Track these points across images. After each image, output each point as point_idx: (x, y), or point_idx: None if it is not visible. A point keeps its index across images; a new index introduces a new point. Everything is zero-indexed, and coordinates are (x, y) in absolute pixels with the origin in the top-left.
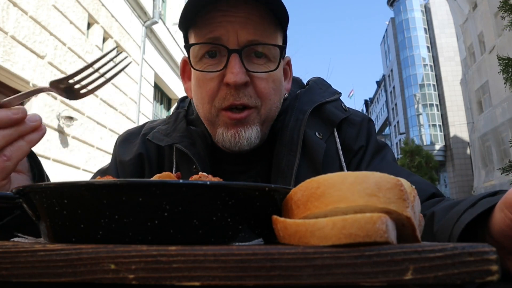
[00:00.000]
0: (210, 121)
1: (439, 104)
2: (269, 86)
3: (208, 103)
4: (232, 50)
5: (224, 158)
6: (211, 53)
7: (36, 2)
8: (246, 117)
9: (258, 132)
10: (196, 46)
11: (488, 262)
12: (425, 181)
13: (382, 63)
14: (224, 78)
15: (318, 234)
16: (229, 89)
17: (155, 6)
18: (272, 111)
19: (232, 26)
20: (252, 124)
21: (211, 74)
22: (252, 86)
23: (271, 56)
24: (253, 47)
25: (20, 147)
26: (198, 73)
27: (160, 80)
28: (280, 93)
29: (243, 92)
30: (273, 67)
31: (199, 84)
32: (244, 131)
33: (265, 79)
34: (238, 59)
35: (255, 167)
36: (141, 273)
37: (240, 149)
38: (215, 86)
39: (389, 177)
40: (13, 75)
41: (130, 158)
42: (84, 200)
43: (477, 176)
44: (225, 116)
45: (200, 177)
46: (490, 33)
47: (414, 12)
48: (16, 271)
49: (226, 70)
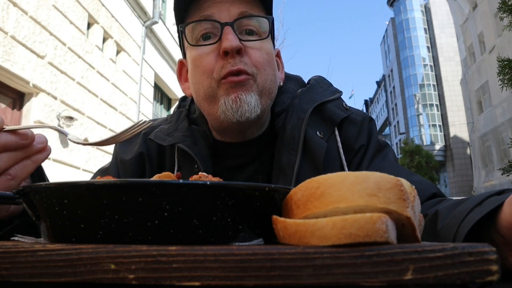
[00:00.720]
0: (211, 96)
1: (439, 104)
2: (262, 56)
3: (207, 78)
4: (224, 23)
5: (225, 153)
6: (205, 36)
7: (36, 2)
8: (244, 80)
9: (257, 101)
10: (191, 27)
11: (488, 262)
12: (426, 181)
13: (382, 63)
14: (221, 48)
15: (318, 234)
16: (226, 58)
17: (155, 6)
18: (267, 82)
19: (222, 4)
20: (251, 90)
21: (207, 49)
22: (246, 56)
23: (261, 29)
24: (243, 21)
25: (25, 166)
26: (194, 54)
27: (160, 80)
28: (273, 69)
29: (239, 59)
30: (264, 36)
31: (196, 64)
32: (244, 95)
33: (258, 49)
34: (231, 29)
35: (256, 163)
36: (141, 273)
37: (242, 116)
38: (212, 59)
39: (389, 177)
40: (13, 75)
41: (131, 157)
42: (84, 200)
43: (477, 176)
44: (225, 83)
45: (200, 177)
46: (490, 33)
47: (414, 12)
48: (16, 271)
49: (221, 41)
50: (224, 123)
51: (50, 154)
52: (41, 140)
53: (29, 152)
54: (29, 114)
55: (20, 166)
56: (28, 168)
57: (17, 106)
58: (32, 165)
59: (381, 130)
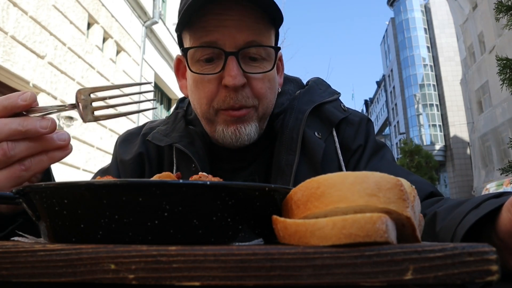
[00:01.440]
0: (208, 119)
1: (439, 104)
2: (265, 86)
3: (206, 104)
4: (229, 53)
5: (223, 156)
6: (208, 59)
7: (36, 2)
8: (245, 115)
9: (256, 128)
10: (193, 49)
11: (488, 262)
12: (423, 180)
13: (382, 63)
14: (223, 81)
15: (318, 234)
16: (227, 91)
17: (155, 6)
18: (268, 108)
19: (228, 30)
20: (251, 121)
21: (209, 77)
22: (249, 87)
23: (267, 57)
24: (249, 49)
25: (41, 161)
26: (196, 76)
27: (160, 80)
28: (275, 90)
29: (241, 94)
30: (269, 67)
31: (196, 86)
32: (244, 127)
33: (261, 79)
34: (235, 61)
35: (253, 165)
36: (141, 273)
37: (241, 145)
38: (214, 88)
39: (389, 177)
40: (13, 75)
41: (131, 158)
42: (84, 200)
43: (477, 176)
44: (225, 114)
45: (200, 177)
46: (490, 33)
47: (414, 12)
48: (16, 271)
49: (224, 72)
50: (220, 142)
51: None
52: (63, 138)
53: (48, 146)
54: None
55: (36, 160)
56: (43, 164)
57: None
58: (47, 161)
59: (381, 130)
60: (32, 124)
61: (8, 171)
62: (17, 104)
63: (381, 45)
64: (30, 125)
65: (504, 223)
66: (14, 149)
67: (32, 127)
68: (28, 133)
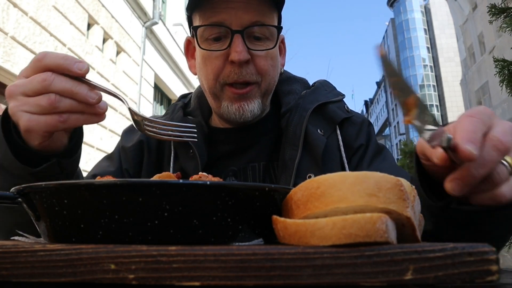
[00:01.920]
0: (215, 94)
1: (439, 105)
2: (267, 63)
3: (213, 79)
4: (235, 31)
5: (220, 139)
6: (216, 38)
7: (36, 3)
8: (248, 92)
9: (259, 104)
10: (201, 28)
11: (488, 262)
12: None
13: None
14: (229, 57)
15: (318, 234)
16: (233, 66)
17: (155, 6)
18: (271, 84)
19: (234, 11)
20: (254, 98)
21: (216, 53)
22: (252, 63)
23: (269, 36)
24: (253, 28)
25: (77, 119)
26: (204, 51)
27: (160, 80)
28: (277, 68)
29: (245, 70)
30: (271, 45)
31: (204, 62)
32: (247, 104)
33: (264, 56)
34: (241, 38)
35: (252, 152)
36: (141, 273)
37: (244, 121)
38: (220, 64)
39: (389, 177)
40: (13, 75)
41: (132, 145)
42: (84, 200)
43: None
44: (229, 91)
45: (200, 177)
46: (490, 34)
47: (414, 12)
48: (16, 271)
49: (230, 49)
50: (225, 117)
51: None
52: (103, 106)
53: (88, 109)
54: None
55: (74, 117)
56: (79, 122)
57: None
58: (83, 121)
59: (381, 131)
60: (83, 91)
61: (48, 117)
62: (72, 69)
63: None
64: (81, 90)
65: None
66: (60, 103)
67: (82, 94)
68: (76, 96)
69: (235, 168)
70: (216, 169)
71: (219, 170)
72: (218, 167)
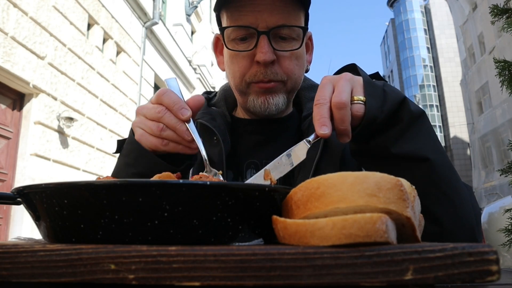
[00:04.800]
0: (241, 91)
1: (439, 105)
2: (293, 63)
3: (239, 77)
4: (261, 32)
5: (244, 131)
6: (242, 38)
7: (36, 3)
8: (274, 87)
9: (284, 99)
10: (229, 29)
11: (488, 262)
12: None
13: (382, 64)
14: (255, 57)
15: (318, 234)
16: (258, 67)
17: (155, 7)
18: (297, 82)
19: (260, 13)
20: (279, 93)
21: (243, 53)
22: (278, 64)
23: (295, 36)
24: (279, 29)
25: (175, 146)
26: (232, 53)
27: (160, 80)
28: (303, 67)
29: (271, 70)
30: (297, 46)
31: (232, 61)
32: (272, 98)
33: (289, 57)
34: (267, 39)
35: (276, 144)
36: (141, 273)
37: (269, 114)
38: (247, 64)
39: (389, 177)
40: (13, 75)
41: None
42: (84, 200)
43: (476, 176)
44: (256, 86)
45: (201, 177)
46: (490, 34)
47: (414, 13)
48: (16, 271)
49: (256, 49)
50: (251, 110)
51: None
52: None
53: (184, 142)
54: (29, 115)
55: (173, 144)
56: (176, 149)
57: (17, 107)
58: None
59: None
60: (183, 129)
61: (154, 139)
62: (177, 115)
63: (381, 46)
64: (181, 128)
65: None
66: (164, 132)
67: (181, 131)
68: (177, 131)
69: (256, 161)
70: (238, 160)
71: (241, 161)
72: (240, 158)
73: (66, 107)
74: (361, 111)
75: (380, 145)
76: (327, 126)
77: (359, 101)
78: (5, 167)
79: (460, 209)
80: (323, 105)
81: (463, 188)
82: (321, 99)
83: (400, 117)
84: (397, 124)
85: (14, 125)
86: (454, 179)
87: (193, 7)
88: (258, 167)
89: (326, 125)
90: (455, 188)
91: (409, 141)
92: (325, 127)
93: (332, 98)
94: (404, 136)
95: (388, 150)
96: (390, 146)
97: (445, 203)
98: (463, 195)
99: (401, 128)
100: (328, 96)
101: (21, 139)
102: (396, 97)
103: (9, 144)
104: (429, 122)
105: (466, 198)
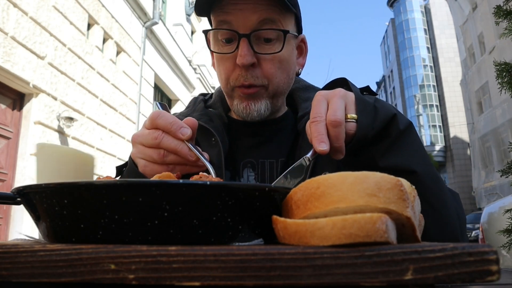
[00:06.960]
0: (227, 94)
1: (439, 105)
2: (274, 66)
3: (225, 80)
4: (242, 35)
5: (241, 133)
6: (227, 40)
7: (36, 3)
8: (254, 93)
9: (267, 105)
10: (213, 31)
11: (488, 262)
12: None
13: (382, 63)
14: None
15: (318, 234)
16: (240, 70)
17: (155, 7)
18: (279, 87)
19: (242, 13)
20: (262, 98)
21: (226, 56)
22: (259, 67)
23: (278, 39)
24: (260, 32)
25: (182, 169)
26: (217, 55)
27: (160, 80)
28: (287, 70)
29: (251, 73)
30: (278, 49)
31: (218, 63)
32: (254, 104)
33: (271, 60)
34: (247, 42)
35: (272, 145)
36: (141, 273)
37: (251, 119)
38: (230, 66)
39: (389, 177)
40: (13, 75)
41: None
42: (84, 200)
43: (476, 176)
44: (239, 91)
45: (201, 177)
46: (490, 34)
47: (414, 13)
48: (16, 271)
49: (237, 52)
50: (236, 114)
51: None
52: (202, 164)
53: (190, 163)
54: (29, 115)
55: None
56: (184, 170)
57: (17, 107)
58: (187, 170)
59: None
60: (185, 150)
61: (159, 167)
62: (176, 135)
63: (381, 45)
64: (183, 150)
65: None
66: (167, 157)
67: (184, 153)
68: (179, 154)
69: (253, 161)
70: (234, 159)
71: (238, 161)
72: (237, 157)
73: (66, 107)
74: (353, 130)
75: (368, 158)
76: (325, 143)
77: (352, 119)
78: (5, 167)
79: (445, 218)
80: (319, 122)
81: (449, 198)
82: (317, 117)
83: (388, 132)
84: (385, 139)
85: (14, 125)
86: (440, 189)
87: (193, 7)
88: (254, 166)
89: (324, 141)
90: (441, 199)
91: (396, 154)
92: (324, 144)
93: (327, 116)
94: (391, 150)
95: (375, 163)
96: (377, 159)
97: (430, 213)
98: (448, 205)
99: (388, 142)
100: (324, 113)
101: (21, 139)
102: (386, 113)
103: (9, 144)
104: (416, 133)
105: (452, 208)
